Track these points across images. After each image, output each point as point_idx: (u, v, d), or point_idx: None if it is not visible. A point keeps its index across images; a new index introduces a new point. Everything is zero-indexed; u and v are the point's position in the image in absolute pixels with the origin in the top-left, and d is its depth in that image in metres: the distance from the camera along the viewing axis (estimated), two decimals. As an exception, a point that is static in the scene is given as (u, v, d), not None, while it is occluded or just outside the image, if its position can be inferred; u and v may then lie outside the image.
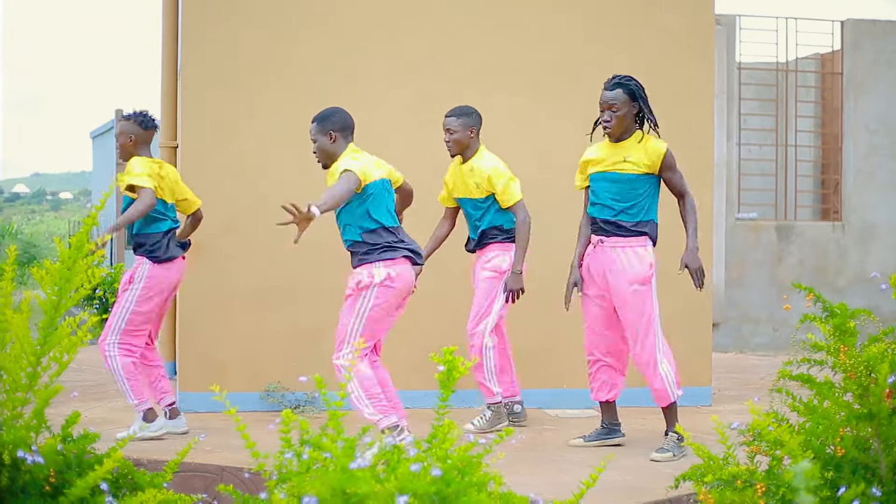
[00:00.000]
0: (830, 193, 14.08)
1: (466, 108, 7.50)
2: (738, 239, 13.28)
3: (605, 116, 6.76)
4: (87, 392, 8.72)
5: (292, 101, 8.22)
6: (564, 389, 8.36)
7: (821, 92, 14.24)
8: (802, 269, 13.49)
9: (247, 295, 8.17)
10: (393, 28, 8.38)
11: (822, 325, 4.46)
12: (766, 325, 13.40)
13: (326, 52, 8.28)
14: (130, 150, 7.18)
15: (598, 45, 8.59)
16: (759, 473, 4.18)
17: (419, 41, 8.41)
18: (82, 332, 3.98)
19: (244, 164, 8.15)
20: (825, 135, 14.17)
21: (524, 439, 7.08)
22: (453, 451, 3.32)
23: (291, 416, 3.43)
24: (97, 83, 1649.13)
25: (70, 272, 3.96)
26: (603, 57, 8.58)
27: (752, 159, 13.85)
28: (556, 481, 6.05)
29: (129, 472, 3.92)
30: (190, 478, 6.25)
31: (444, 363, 3.46)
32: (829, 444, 4.18)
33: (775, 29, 13.73)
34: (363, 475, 3.04)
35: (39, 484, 3.64)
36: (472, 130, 7.44)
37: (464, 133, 7.42)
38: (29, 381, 3.83)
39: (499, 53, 8.48)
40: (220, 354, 8.13)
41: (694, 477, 4.41)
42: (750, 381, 9.94)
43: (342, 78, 8.28)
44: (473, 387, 7.73)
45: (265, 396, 8.11)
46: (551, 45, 8.54)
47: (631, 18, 8.64)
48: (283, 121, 8.22)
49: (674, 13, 8.67)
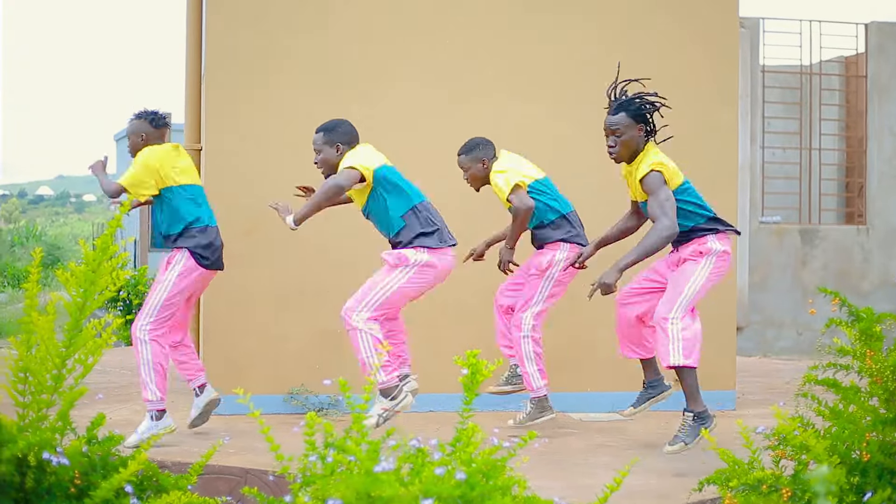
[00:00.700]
0: (854, 197, 14.02)
1: (471, 142, 7.45)
2: (761, 242, 13.23)
3: (610, 142, 6.63)
4: (111, 394, 8.74)
5: (317, 103, 8.22)
6: (588, 393, 8.34)
7: (845, 95, 14.18)
8: (826, 272, 13.44)
9: (270, 297, 8.18)
10: (421, 31, 8.37)
11: (848, 329, 4.45)
12: (790, 328, 13.35)
13: (351, 55, 8.29)
14: (142, 148, 7.23)
15: (621, 50, 8.57)
16: (785, 478, 4.16)
17: (449, 44, 8.40)
18: (107, 334, 3.99)
19: (268, 166, 8.16)
20: (849, 138, 14.12)
21: (548, 443, 7.07)
22: (477, 455, 3.32)
23: (315, 418, 3.43)
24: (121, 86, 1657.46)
25: (95, 274, 3.98)
26: (626, 62, 8.55)
27: (775, 162, 13.80)
28: (579, 485, 6.04)
29: (154, 474, 3.93)
30: (214, 480, 6.26)
31: (467, 366, 3.46)
32: (855, 449, 4.16)
33: (799, 32, 13.68)
34: (387, 478, 3.04)
35: (65, 486, 3.66)
36: (484, 162, 7.39)
37: (476, 167, 7.41)
38: (54, 383, 3.84)
39: (520, 59, 8.47)
40: (243, 357, 8.14)
41: (719, 481, 4.40)
42: (774, 385, 9.90)
43: (366, 81, 8.28)
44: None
45: (289, 399, 8.11)
46: (573, 50, 8.52)
47: (655, 23, 8.62)
48: (308, 123, 8.21)
49: (698, 17, 8.65)
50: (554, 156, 8.04)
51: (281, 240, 8.10)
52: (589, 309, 8.03)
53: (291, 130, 8.19)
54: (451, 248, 6.78)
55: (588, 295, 6.63)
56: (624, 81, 6.79)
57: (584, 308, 7.84)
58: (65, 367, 3.87)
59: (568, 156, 8.31)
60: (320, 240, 8.16)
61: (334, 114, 8.17)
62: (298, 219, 6.72)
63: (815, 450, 3.99)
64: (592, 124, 8.47)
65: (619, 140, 6.58)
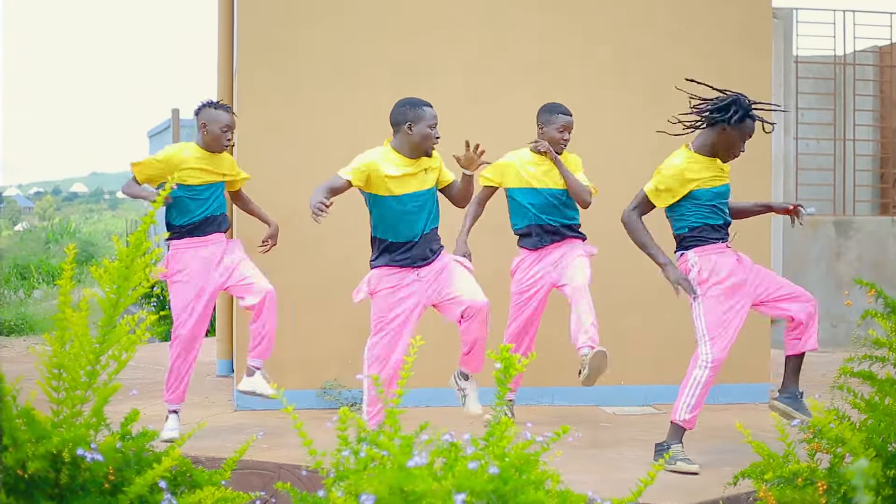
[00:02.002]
0: (889, 188, 13.91)
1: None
2: (795, 234, 13.14)
3: (743, 147, 6.56)
4: (145, 390, 8.78)
5: (348, 101, 8.23)
6: (622, 386, 8.32)
7: (879, 85, 14.07)
8: (861, 264, 13.33)
9: (303, 292, 8.19)
10: (450, 22, 8.37)
11: (884, 321, 4.42)
12: (824, 321, 13.25)
13: (383, 52, 8.29)
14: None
15: (655, 40, 8.55)
16: (820, 471, 4.14)
17: (478, 37, 8.39)
18: (141, 330, 4.00)
19: (301, 163, 8.17)
20: (884, 128, 14.00)
21: (581, 437, 7.06)
22: (510, 449, 3.31)
23: (348, 413, 3.43)
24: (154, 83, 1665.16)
25: (128, 270, 3.99)
26: (660, 51, 8.54)
27: (809, 153, 13.71)
28: (613, 479, 6.02)
29: (188, 469, 3.94)
30: (247, 475, 6.28)
31: (500, 360, 3.45)
32: (892, 442, 4.13)
33: (833, 22, 13.58)
34: (420, 473, 3.04)
35: (99, 482, 3.67)
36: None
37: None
38: (88, 380, 3.85)
39: (551, 49, 8.45)
40: (277, 352, 8.14)
41: (754, 474, 4.38)
42: (809, 377, 9.84)
43: (398, 72, 8.28)
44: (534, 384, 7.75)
45: (322, 394, 8.13)
46: (607, 39, 8.50)
47: (688, 12, 8.58)
48: (340, 120, 8.23)
49: (731, 6, 8.61)
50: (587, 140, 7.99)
51: (313, 235, 8.11)
52: (623, 303, 8.01)
53: (324, 127, 8.20)
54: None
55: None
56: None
57: (617, 303, 7.82)
58: (98, 363, 3.89)
59: (604, 144, 8.29)
60: (352, 235, 8.16)
61: (364, 108, 8.18)
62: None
63: (850, 442, 3.96)
64: (627, 112, 8.46)
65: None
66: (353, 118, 8.22)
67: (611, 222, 7.68)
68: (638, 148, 8.31)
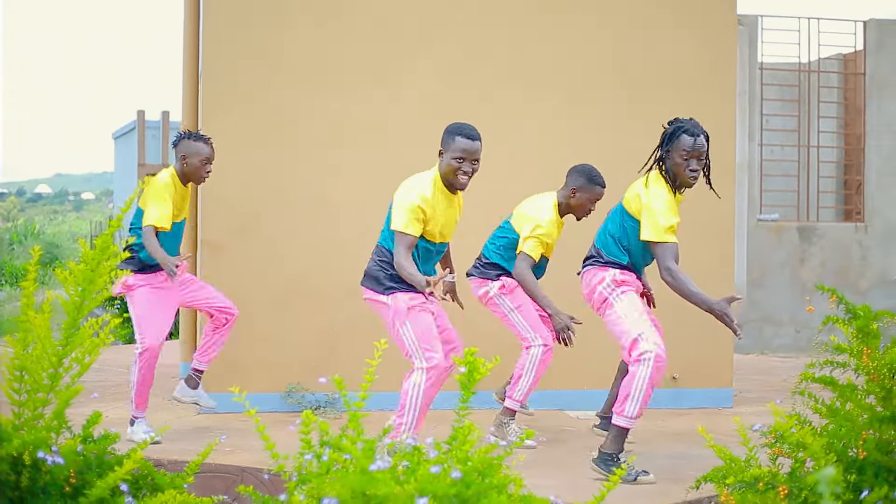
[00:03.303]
0: (853, 194, 14.01)
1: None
2: (759, 240, 13.22)
3: (697, 165, 6.22)
4: (107, 392, 8.74)
5: (316, 105, 8.22)
6: (585, 391, 8.34)
7: (843, 92, 14.17)
8: (824, 270, 13.42)
9: (267, 296, 8.17)
10: (422, 31, 8.37)
11: (845, 327, 4.44)
12: (787, 326, 13.34)
13: (351, 54, 8.28)
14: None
15: (620, 46, 8.58)
16: (782, 476, 4.16)
17: (448, 45, 8.40)
18: (104, 332, 3.98)
19: (265, 166, 8.16)
20: (847, 135, 14.10)
21: (545, 441, 7.07)
22: (473, 453, 3.31)
23: (311, 417, 3.42)
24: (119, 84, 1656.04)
25: (93, 273, 3.97)
26: (625, 58, 8.58)
27: (774, 160, 13.79)
28: (577, 484, 6.04)
29: (150, 473, 3.92)
30: (210, 478, 6.26)
31: (465, 364, 3.46)
32: (852, 447, 4.16)
33: (797, 29, 13.66)
34: (383, 477, 3.04)
35: (60, 484, 3.65)
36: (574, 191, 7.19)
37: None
38: (50, 382, 3.83)
39: (522, 56, 8.47)
40: (240, 355, 8.13)
41: (715, 479, 4.39)
42: (771, 382, 9.90)
43: (367, 80, 8.28)
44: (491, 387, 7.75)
45: (285, 397, 8.11)
46: (573, 46, 8.53)
47: (654, 19, 8.63)
48: (307, 125, 8.22)
49: (696, 14, 8.65)
50: (562, 154, 8.03)
51: (277, 239, 8.10)
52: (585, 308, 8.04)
53: (289, 130, 8.19)
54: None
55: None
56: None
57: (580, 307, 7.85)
58: (61, 365, 3.87)
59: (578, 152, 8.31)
60: (315, 239, 8.16)
61: (332, 113, 8.17)
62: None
63: (811, 447, 3.98)
64: (598, 119, 8.49)
65: (702, 164, 6.28)
66: (320, 122, 8.21)
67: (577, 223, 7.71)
68: (610, 153, 8.34)
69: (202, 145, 7.18)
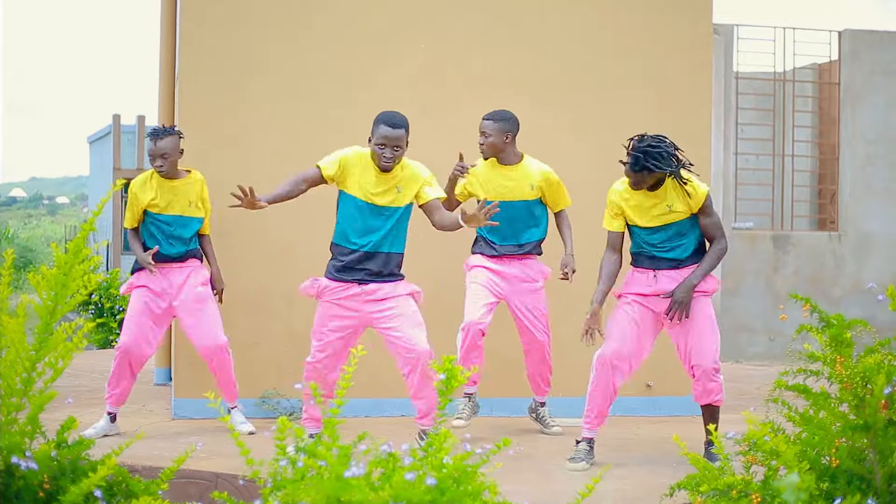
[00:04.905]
0: (827, 203, 14.08)
1: (504, 112, 7.49)
2: (734, 248, 13.26)
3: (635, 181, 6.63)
4: (81, 397, 8.70)
5: (291, 106, 8.21)
6: (561, 398, 8.34)
7: (818, 102, 14.24)
8: (798, 279, 13.48)
9: (242, 301, 8.15)
10: (396, 35, 8.37)
11: (819, 335, 4.47)
12: (761, 334, 13.39)
13: (327, 59, 8.28)
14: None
15: (596, 55, 8.60)
16: (755, 484, 4.18)
17: (422, 49, 8.41)
18: (78, 337, 3.97)
19: (241, 170, 8.13)
20: (822, 145, 14.17)
21: (521, 448, 7.07)
22: (449, 460, 3.32)
23: (287, 423, 3.42)
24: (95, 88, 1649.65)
25: (66, 277, 3.96)
26: (601, 66, 8.60)
27: (748, 169, 13.85)
28: (551, 490, 6.05)
29: (124, 479, 3.91)
30: (185, 485, 6.24)
31: (443, 372, 3.46)
32: (825, 455, 4.18)
33: (773, 39, 13.72)
34: (358, 483, 3.04)
35: (33, 490, 3.64)
36: (508, 136, 7.44)
37: (499, 137, 7.43)
38: (24, 387, 3.82)
39: (497, 62, 8.48)
40: (215, 361, 8.10)
41: (689, 486, 4.41)
42: (745, 390, 9.93)
43: (343, 84, 8.28)
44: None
45: (261, 403, 8.09)
46: (550, 53, 8.54)
47: (629, 28, 8.65)
48: (282, 127, 8.21)
49: (672, 23, 8.68)
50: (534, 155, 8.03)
51: (251, 244, 8.10)
52: (560, 315, 8.05)
53: (265, 133, 8.18)
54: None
55: (671, 316, 6.70)
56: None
57: (556, 314, 7.86)
58: (35, 370, 3.86)
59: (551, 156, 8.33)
60: (289, 243, 8.15)
61: (309, 117, 8.17)
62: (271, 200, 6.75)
63: (785, 455, 4.01)
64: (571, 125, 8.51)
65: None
66: (296, 128, 8.21)
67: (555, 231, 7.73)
68: (584, 160, 8.36)
69: (147, 141, 7.53)
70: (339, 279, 6.62)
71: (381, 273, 6.60)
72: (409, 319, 6.51)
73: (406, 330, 6.48)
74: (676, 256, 6.73)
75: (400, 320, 6.51)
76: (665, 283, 6.70)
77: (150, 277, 7.43)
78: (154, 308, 7.44)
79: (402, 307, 6.54)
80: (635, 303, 6.75)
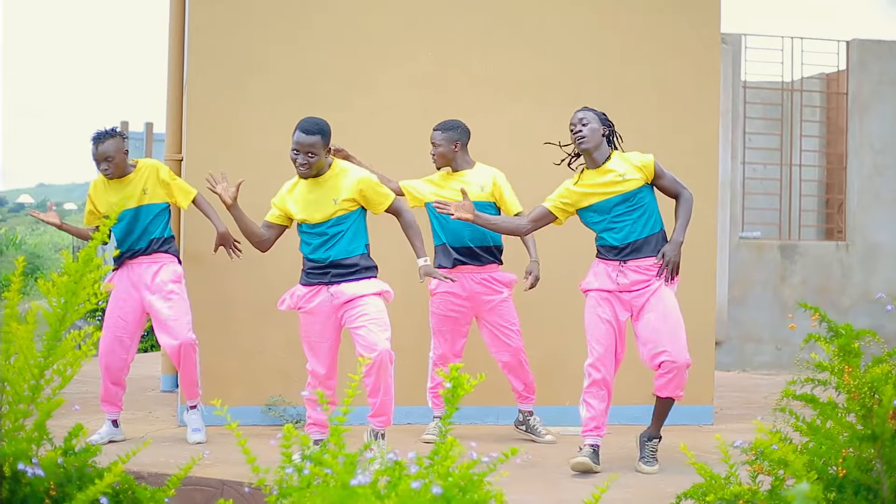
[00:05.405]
0: (835, 213, 14.07)
1: (452, 122, 7.59)
2: (741, 258, 13.26)
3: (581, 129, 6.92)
4: (88, 405, 8.69)
5: (299, 112, 8.20)
6: (567, 407, 8.33)
7: (826, 111, 14.23)
8: (806, 288, 13.46)
9: (249, 308, 8.15)
10: (397, 35, 8.38)
11: (827, 345, 4.46)
12: (768, 344, 13.37)
13: (333, 63, 8.29)
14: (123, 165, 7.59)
15: (604, 63, 8.60)
16: (762, 493, 4.17)
17: (425, 52, 8.41)
18: (87, 345, 3.98)
19: (249, 177, 8.13)
20: (830, 154, 14.16)
21: (527, 457, 7.06)
22: (455, 469, 3.31)
23: (293, 430, 3.42)
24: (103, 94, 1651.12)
25: (76, 285, 3.96)
26: (609, 74, 8.59)
27: (756, 178, 13.84)
28: (558, 499, 6.04)
29: (130, 486, 3.91)
30: (191, 492, 6.24)
31: (449, 380, 3.46)
32: (832, 465, 4.17)
33: (781, 48, 13.73)
34: (364, 492, 3.04)
35: (40, 497, 3.64)
36: (457, 145, 7.53)
37: (447, 147, 7.52)
38: (31, 394, 3.82)
39: (503, 66, 8.48)
40: (221, 368, 8.11)
41: (696, 495, 4.40)
42: (752, 400, 9.92)
43: (349, 88, 8.28)
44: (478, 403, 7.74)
45: (266, 410, 8.09)
46: (556, 60, 8.54)
47: (638, 34, 8.64)
48: (290, 133, 8.21)
49: (680, 31, 8.67)
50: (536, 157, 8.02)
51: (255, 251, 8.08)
52: (557, 325, 8.04)
53: (273, 140, 8.18)
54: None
55: (663, 276, 6.75)
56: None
57: (561, 321, 7.86)
58: (43, 377, 3.86)
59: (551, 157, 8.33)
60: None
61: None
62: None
63: (792, 465, 4.00)
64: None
65: (587, 128, 6.87)
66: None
67: (553, 238, 7.73)
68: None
69: (91, 146, 7.64)
70: (309, 283, 6.73)
71: (348, 274, 6.65)
72: (372, 319, 6.52)
73: (368, 329, 6.50)
74: (638, 237, 6.75)
75: (364, 319, 6.53)
76: (631, 277, 6.79)
77: (119, 275, 7.48)
78: (125, 308, 7.47)
79: (368, 307, 6.56)
80: (603, 300, 6.81)
